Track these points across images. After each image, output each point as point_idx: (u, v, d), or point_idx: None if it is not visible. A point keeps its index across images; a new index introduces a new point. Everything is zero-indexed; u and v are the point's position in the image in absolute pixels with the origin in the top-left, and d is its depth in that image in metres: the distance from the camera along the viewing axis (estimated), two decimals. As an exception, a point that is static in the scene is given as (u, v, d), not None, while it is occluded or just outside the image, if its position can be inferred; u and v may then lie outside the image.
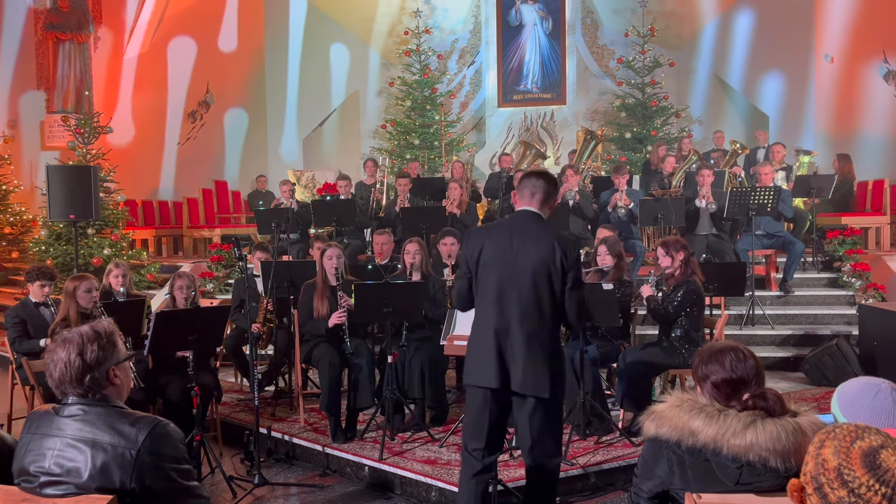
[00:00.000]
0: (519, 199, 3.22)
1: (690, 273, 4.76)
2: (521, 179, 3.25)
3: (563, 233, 3.69)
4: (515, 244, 3.05)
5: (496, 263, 3.07)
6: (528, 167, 9.96)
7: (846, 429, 1.56)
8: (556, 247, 3.01)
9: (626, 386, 4.69)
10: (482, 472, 3.14)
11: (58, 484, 2.00)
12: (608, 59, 13.11)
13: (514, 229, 3.11)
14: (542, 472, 3.14)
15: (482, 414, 3.11)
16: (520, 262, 3.03)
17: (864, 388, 2.07)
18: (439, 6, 13.41)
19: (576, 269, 3.04)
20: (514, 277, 3.03)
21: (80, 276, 4.79)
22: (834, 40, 11.37)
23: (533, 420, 3.07)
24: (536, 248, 3.02)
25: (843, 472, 1.48)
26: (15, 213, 11.49)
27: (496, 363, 3.03)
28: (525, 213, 3.15)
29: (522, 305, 3.02)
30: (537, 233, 3.06)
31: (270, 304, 5.61)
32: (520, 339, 3.01)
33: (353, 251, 7.65)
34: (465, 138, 13.07)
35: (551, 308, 3.04)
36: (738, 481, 2.05)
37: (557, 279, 3.02)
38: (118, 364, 2.12)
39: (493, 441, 3.14)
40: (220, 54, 13.24)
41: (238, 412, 5.49)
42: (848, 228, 8.16)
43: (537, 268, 3.00)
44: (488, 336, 3.06)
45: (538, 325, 3.03)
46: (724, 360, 2.18)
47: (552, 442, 3.12)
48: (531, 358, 3.00)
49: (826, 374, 6.09)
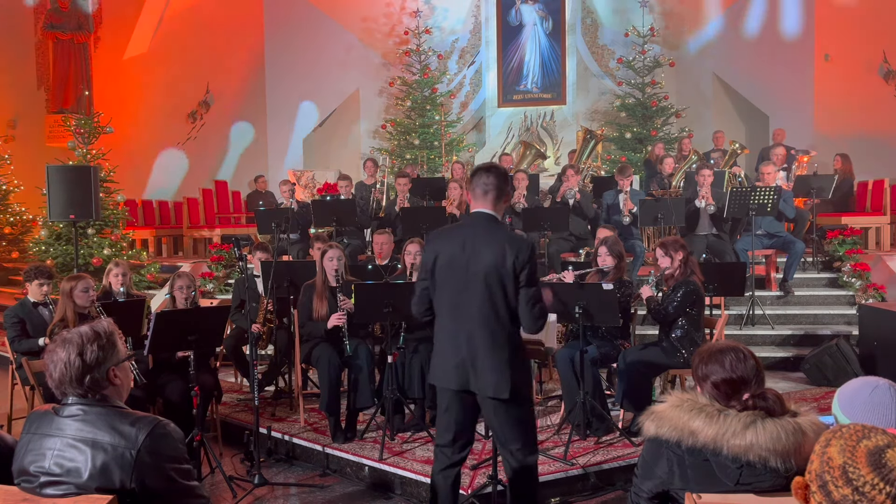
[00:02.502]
0: (472, 199, 3.21)
1: (690, 273, 4.76)
2: (472, 176, 3.22)
3: (515, 232, 3.67)
4: (468, 249, 3.07)
5: (450, 269, 3.11)
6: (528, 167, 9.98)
7: (853, 428, 1.56)
8: (508, 249, 3.02)
9: (626, 386, 4.68)
10: (451, 466, 3.24)
11: (58, 484, 2.00)
12: (608, 59, 13.11)
13: (467, 234, 3.13)
14: (516, 470, 3.16)
15: (448, 413, 3.21)
16: (472, 268, 3.05)
17: (863, 385, 2.08)
18: (439, 6, 13.40)
19: (528, 268, 3.03)
20: (468, 283, 3.06)
21: (76, 277, 4.79)
22: (834, 40, 11.37)
23: (498, 420, 3.11)
24: (488, 252, 3.04)
25: (849, 470, 1.48)
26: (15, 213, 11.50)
27: (456, 366, 3.09)
28: (477, 215, 3.16)
29: (477, 310, 3.05)
30: (489, 236, 3.08)
31: (270, 304, 5.61)
32: (477, 342, 3.05)
33: (353, 251, 7.65)
34: (465, 138, 13.07)
35: (507, 310, 3.06)
36: (738, 481, 2.05)
37: (510, 281, 3.03)
38: (118, 364, 2.12)
39: (460, 438, 3.21)
40: (221, 54, 13.24)
41: (238, 412, 5.49)
42: (848, 228, 8.16)
43: (490, 272, 3.02)
44: (448, 340, 3.13)
45: (494, 327, 3.05)
46: (724, 360, 2.19)
47: (521, 440, 3.12)
48: (489, 361, 3.03)
49: (826, 374, 6.09)
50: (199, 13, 13.28)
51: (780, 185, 7.71)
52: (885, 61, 11.02)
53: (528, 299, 3.04)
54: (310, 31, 13.21)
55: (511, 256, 3.01)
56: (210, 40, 13.23)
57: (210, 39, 13.23)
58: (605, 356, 4.94)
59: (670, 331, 4.77)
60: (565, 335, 5.54)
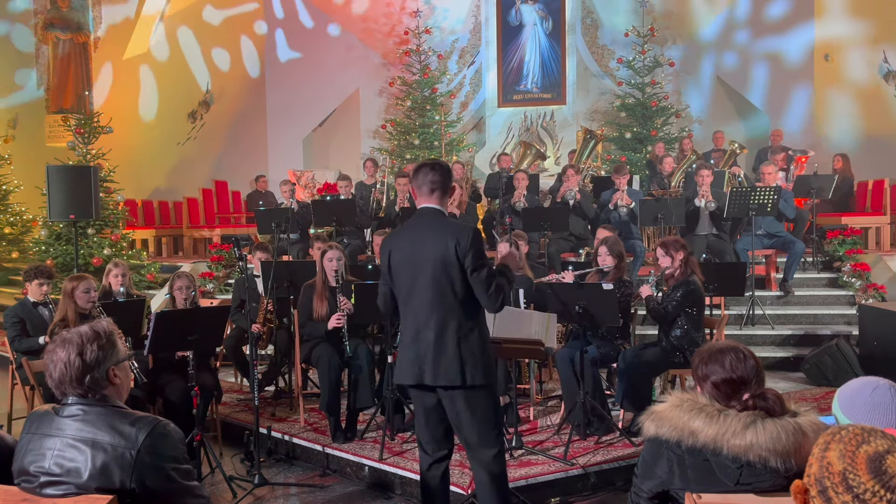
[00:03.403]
0: (418, 196, 3.25)
1: (690, 273, 4.76)
2: (415, 173, 3.26)
3: (458, 222, 3.69)
4: (416, 245, 3.12)
5: (402, 266, 3.15)
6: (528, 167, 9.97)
7: (852, 431, 1.53)
8: (449, 237, 3.05)
9: (626, 386, 4.68)
10: (436, 463, 3.24)
11: (58, 484, 2.00)
12: (608, 59, 13.10)
13: (414, 230, 3.19)
14: (478, 465, 3.11)
15: (416, 408, 3.25)
16: (420, 261, 3.09)
17: (863, 385, 2.08)
18: (439, 6, 13.40)
19: (472, 253, 3.04)
20: (418, 277, 3.10)
21: (78, 277, 4.78)
22: (834, 40, 11.37)
23: (453, 410, 3.10)
24: (433, 244, 3.07)
25: (849, 476, 1.46)
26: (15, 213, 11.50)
27: (411, 361, 3.12)
28: (423, 210, 3.21)
29: (428, 302, 3.08)
30: (434, 229, 3.12)
31: (270, 304, 5.61)
32: (430, 335, 3.07)
33: (353, 251, 7.65)
34: (465, 138, 13.06)
35: (456, 300, 3.07)
36: (738, 481, 2.05)
37: (456, 269, 3.05)
38: (118, 364, 2.12)
39: (436, 433, 3.21)
40: (221, 54, 13.24)
41: (238, 412, 5.49)
42: (848, 228, 8.16)
43: (436, 263, 3.05)
44: (408, 337, 3.16)
45: (445, 318, 3.06)
46: (725, 360, 2.19)
47: (481, 432, 3.08)
48: (440, 350, 3.05)
49: (826, 374, 6.09)
50: (199, 13, 13.27)
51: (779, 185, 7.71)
52: (885, 61, 11.02)
53: (479, 283, 3.04)
54: (310, 31, 13.21)
55: (453, 243, 3.03)
56: (210, 40, 13.22)
57: (210, 39, 13.23)
58: (605, 356, 4.94)
59: (670, 331, 4.77)
60: (565, 335, 5.54)
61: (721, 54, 12.55)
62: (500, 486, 3.16)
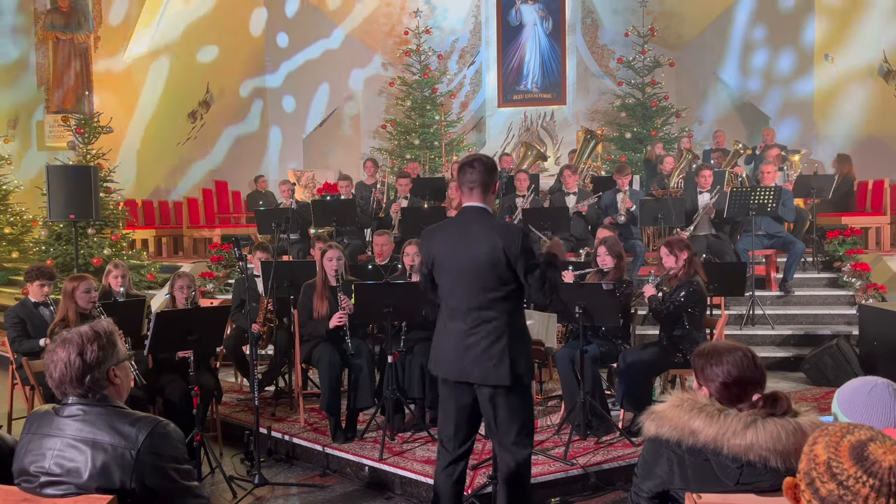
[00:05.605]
0: (461, 194, 3.26)
1: (693, 273, 4.76)
2: (458, 172, 3.26)
3: (505, 222, 3.69)
4: (462, 243, 3.12)
5: (446, 263, 3.16)
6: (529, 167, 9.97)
7: (838, 426, 1.59)
8: (498, 240, 3.05)
9: (626, 386, 4.69)
10: (454, 462, 3.22)
11: (58, 484, 2.00)
12: (608, 59, 13.12)
13: (460, 228, 3.18)
14: (508, 464, 3.13)
15: (446, 403, 3.22)
16: (466, 260, 3.09)
17: (862, 384, 2.09)
18: (439, 6, 13.41)
19: (524, 255, 3.05)
20: (462, 275, 3.10)
21: (78, 277, 4.78)
22: (834, 40, 11.37)
23: (493, 409, 3.10)
24: (480, 245, 3.07)
25: (833, 465, 1.50)
26: (15, 213, 11.50)
27: (453, 356, 3.11)
28: (469, 209, 3.21)
29: (472, 301, 3.08)
30: (480, 229, 3.11)
31: (270, 304, 5.61)
32: (473, 333, 3.07)
33: (353, 251, 7.65)
34: (465, 138, 13.08)
35: (502, 299, 3.08)
36: (738, 481, 2.05)
37: (504, 270, 3.05)
38: (118, 364, 2.12)
39: (460, 431, 3.20)
40: (220, 54, 13.24)
41: (238, 412, 5.49)
42: (848, 228, 8.17)
43: (483, 263, 3.06)
44: (447, 331, 3.17)
45: (491, 317, 3.07)
46: (734, 361, 2.17)
47: (516, 431, 3.10)
48: (485, 349, 3.05)
49: (826, 374, 6.09)
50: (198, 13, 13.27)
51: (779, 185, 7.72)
52: (885, 61, 11.02)
53: (535, 282, 3.05)
54: (310, 31, 13.21)
55: (502, 245, 3.03)
56: (210, 40, 13.22)
57: (210, 39, 13.23)
58: (605, 356, 4.94)
59: (671, 330, 4.77)
60: (565, 335, 5.54)
61: (721, 54, 12.55)
62: (525, 487, 3.20)
